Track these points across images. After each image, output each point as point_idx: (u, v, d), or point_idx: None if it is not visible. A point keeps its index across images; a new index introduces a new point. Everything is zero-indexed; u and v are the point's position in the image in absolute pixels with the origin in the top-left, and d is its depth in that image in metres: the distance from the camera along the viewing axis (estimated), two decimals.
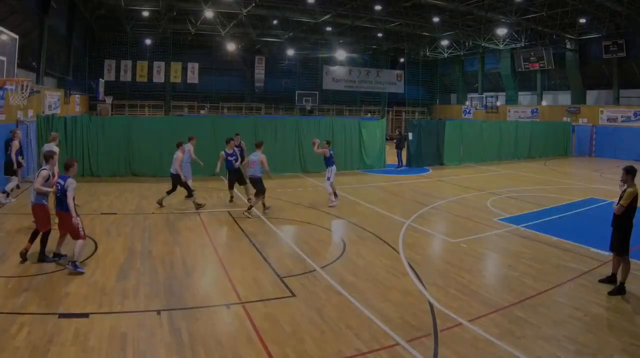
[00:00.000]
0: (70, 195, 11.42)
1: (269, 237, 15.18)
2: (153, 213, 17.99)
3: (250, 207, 17.97)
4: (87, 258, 12.28)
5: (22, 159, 21.65)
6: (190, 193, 18.91)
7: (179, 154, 18.39)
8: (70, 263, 11.43)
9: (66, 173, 11.80)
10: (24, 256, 11.91)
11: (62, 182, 11.58)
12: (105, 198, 20.12)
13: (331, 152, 20.23)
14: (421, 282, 11.33)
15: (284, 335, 8.57)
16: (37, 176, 12.07)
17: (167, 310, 9.49)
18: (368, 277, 11.64)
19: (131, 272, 11.60)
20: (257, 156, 18.00)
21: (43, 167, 12.26)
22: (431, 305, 9.93)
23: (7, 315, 8.95)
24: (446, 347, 8.19)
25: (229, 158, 19.38)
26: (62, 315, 9.07)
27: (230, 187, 20.14)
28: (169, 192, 18.91)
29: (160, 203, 18.94)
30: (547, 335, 8.65)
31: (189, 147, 20.10)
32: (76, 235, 11.66)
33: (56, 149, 17.43)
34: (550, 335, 8.67)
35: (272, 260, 12.79)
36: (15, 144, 18.45)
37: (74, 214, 11.53)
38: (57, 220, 12.17)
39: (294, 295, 10.43)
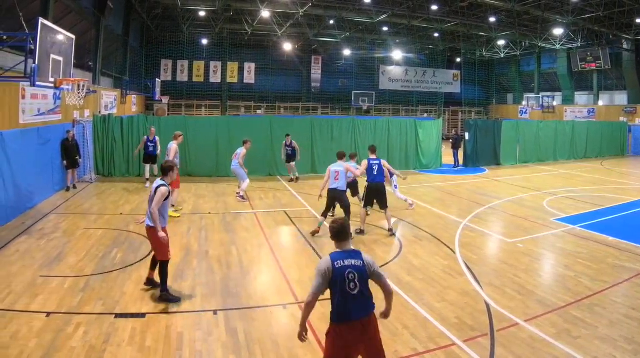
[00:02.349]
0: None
1: (325, 237, 15.03)
2: (209, 213, 18.18)
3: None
4: (144, 258, 12.45)
5: (80, 158, 22.10)
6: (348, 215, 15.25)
7: (346, 165, 15.49)
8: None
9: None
10: (150, 283, 10.63)
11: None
12: None
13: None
14: (478, 282, 11.40)
15: None
16: (155, 193, 9.83)
17: (224, 310, 9.64)
18: (424, 277, 11.71)
19: (188, 272, 11.79)
20: (341, 166, 15.36)
21: (161, 183, 10.03)
22: (488, 305, 10.00)
23: (64, 315, 9.13)
24: (503, 347, 8.25)
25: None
26: (119, 315, 9.24)
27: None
28: (331, 213, 16.51)
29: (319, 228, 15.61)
30: (604, 335, 8.66)
31: (242, 150, 19.96)
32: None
33: (175, 148, 17.68)
34: (607, 335, 8.68)
35: None
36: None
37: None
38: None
39: None
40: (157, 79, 46.16)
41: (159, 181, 10.01)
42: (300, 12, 40.33)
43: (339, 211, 16.48)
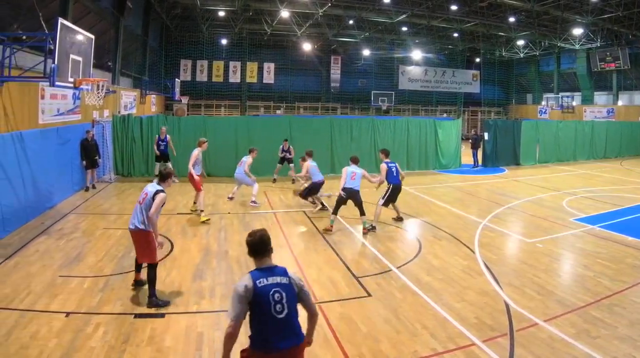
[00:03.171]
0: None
1: (345, 237, 15.21)
2: (229, 213, 18.18)
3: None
4: (163, 258, 12.38)
5: (99, 158, 22.15)
6: (363, 212, 15.68)
7: (364, 171, 15.89)
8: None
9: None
10: (140, 283, 10.45)
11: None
12: (181, 198, 20.25)
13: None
14: (497, 281, 11.35)
15: (360, 335, 8.63)
16: (153, 199, 9.63)
17: None
18: (444, 277, 11.67)
19: (207, 272, 11.79)
20: (359, 169, 15.76)
21: (160, 188, 9.86)
22: (507, 305, 9.95)
23: (83, 315, 9.16)
24: (522, 347, 8.22)
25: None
26: (138, 315, 9.27)
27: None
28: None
29: (368, 230, 15.69)
30: (623, 335, 8.61)
31: (248, 159, 19.23)
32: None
33: (196, 154, 17.29)
34: (626, 335, 8.63)
35: (347, 260, 12.87)
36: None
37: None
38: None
39: (369, 295, 10.50)
40: (176, 79, 46.48)
41: (156, 186, 9.83)
42: (319, 12, 40.46)
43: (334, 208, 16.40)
